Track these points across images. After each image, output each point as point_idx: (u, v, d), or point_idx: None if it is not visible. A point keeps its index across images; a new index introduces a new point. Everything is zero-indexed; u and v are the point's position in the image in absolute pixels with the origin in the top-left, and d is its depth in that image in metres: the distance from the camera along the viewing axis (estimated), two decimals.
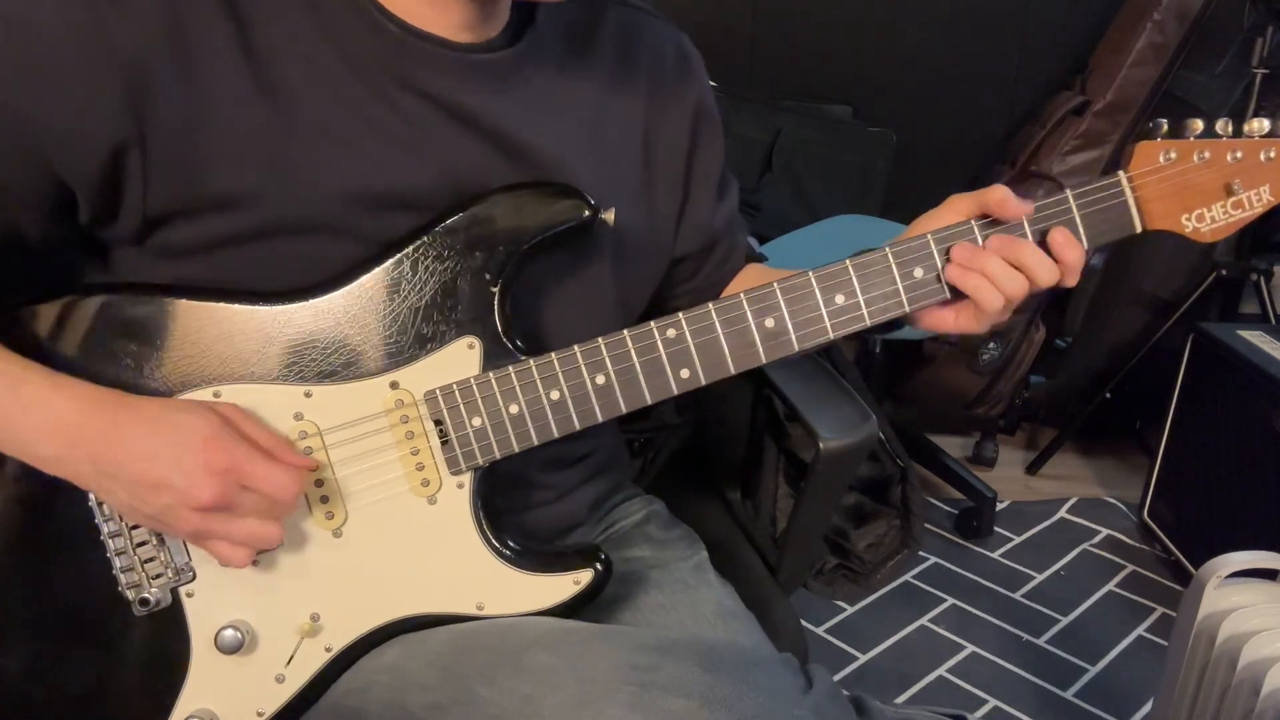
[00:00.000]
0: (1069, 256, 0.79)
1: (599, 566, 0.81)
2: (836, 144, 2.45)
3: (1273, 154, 0.79)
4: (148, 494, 0.71)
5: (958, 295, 0.81)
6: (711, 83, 0.98)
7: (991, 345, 2.33)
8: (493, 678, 0.73)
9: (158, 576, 0.76)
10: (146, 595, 0.76)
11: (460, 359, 0.78)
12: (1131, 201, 0.80)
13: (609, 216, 0.81)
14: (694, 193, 0.96)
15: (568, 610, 0.80)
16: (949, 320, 0.83)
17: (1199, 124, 0.79)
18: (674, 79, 0.93)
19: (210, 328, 0.75)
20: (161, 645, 0.77)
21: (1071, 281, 0.80)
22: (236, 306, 0.75)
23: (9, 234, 0.73)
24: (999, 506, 2.26)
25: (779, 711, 0.70)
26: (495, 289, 0.78)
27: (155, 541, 0.76)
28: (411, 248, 0.77)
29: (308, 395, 0.77)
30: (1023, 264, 0.79)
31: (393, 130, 0.77)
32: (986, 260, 0.78)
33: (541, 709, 0.70)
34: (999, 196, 0.79)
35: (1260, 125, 0.79)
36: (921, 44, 2.48)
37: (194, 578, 0.77)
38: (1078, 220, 0.80)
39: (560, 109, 0.85)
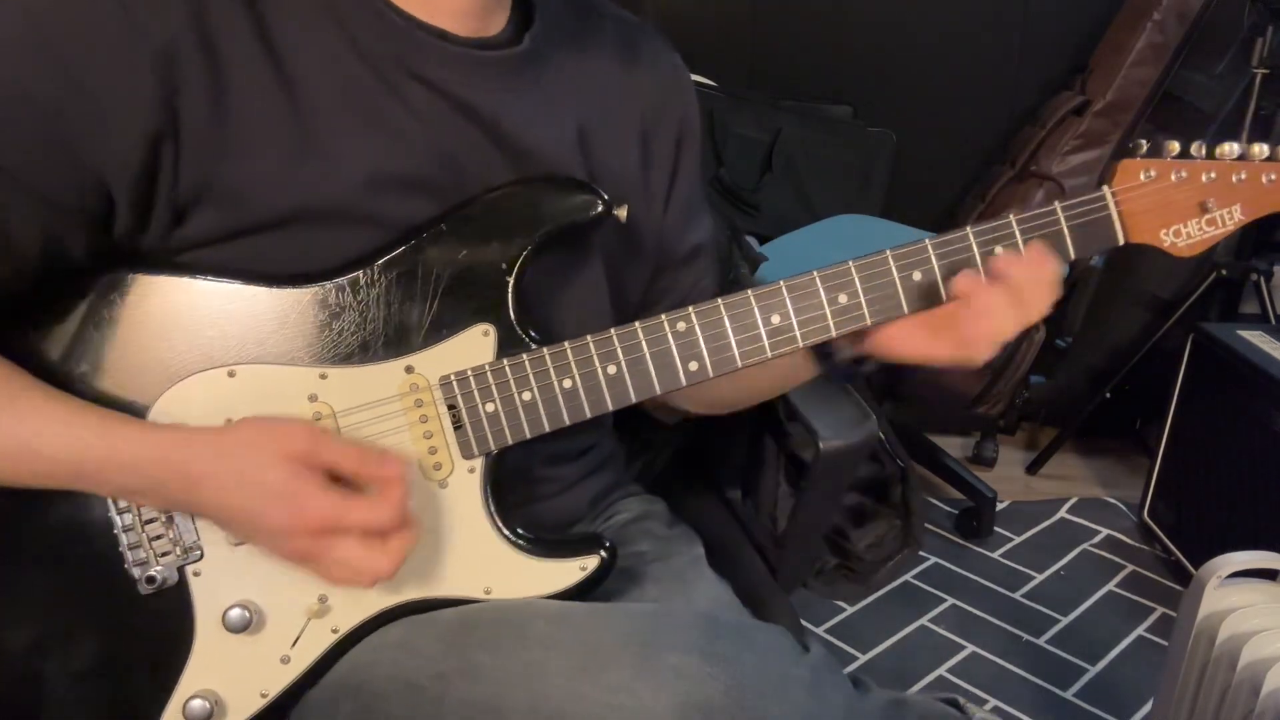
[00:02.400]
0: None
1: (604, 554, 0.82)
2: (836, 144, 2.45)
3: (1243, 176, 0.84)
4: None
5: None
6: (711, 82, 0.99)
7: None
8: (496, 647, 0.74)
9: (165, 554, 0.76)
10: (153, 573, 0.75)
11: (475, 345, 0.79)
12: (1115, 215, 0.84)
13: (621, 213, 0.82)
14: (670, 208, 0.97)
15: (572, 596, 0.81)
16: (922, 345, 0.83)
17: (1176, 145, 0.84)
18: (669, 94, 0.95)
19: (227, 308, 0.75)
20: (166, 624, 0.76)
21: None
22: (254, 288, 0.75)
23: (54, 249, 0.72)
24: (999, 506, 2.27)
25: (777, 669, 0.72)
26: (509, 278, 0.79)
27: (163, 519, 0.76)
28: (428, 235, 0.78)
29: (323, 377, 0.77)
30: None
31: (401, 118, 0.78)
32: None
33: (545, 674, 0.70)
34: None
35: (1231, 149, 0.84)
36: (921, 44, 2.48)
37: (201, 556, 0.76)
38: (1065, 231, 0.83)
39: (563, 113, 0.86)
